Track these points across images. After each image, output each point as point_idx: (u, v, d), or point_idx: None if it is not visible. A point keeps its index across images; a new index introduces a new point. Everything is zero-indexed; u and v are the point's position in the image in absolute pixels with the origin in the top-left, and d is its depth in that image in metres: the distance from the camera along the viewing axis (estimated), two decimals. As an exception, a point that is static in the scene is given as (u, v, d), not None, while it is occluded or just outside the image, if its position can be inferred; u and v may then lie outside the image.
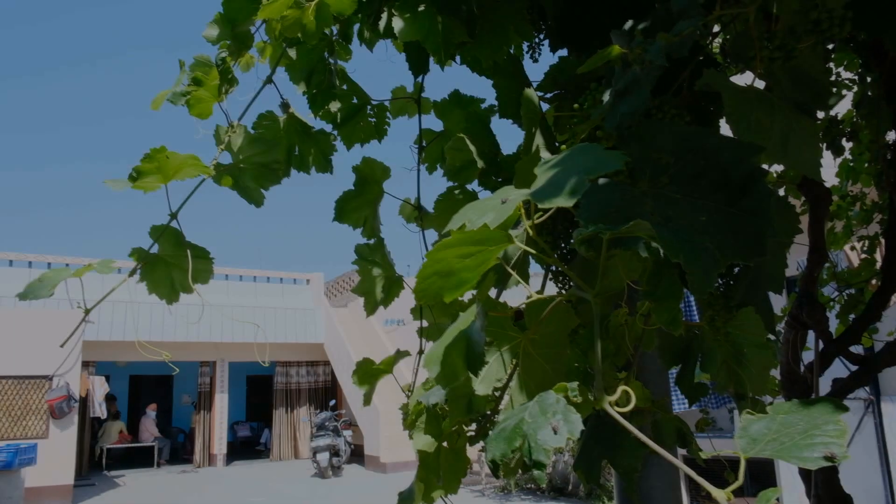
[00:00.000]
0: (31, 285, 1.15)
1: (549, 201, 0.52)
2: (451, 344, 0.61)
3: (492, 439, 0.55)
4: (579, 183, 0.52)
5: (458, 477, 1.19)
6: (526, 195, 0.54)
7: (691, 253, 0.54)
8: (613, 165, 0.53)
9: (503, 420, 0.56)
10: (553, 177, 0.55)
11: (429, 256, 0.55)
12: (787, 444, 0.45)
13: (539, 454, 0.49)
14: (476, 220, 0.54)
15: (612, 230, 0.54)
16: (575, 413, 0.50)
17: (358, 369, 1.43)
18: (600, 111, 0.74)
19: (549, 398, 0.52)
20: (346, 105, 1.55)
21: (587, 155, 0.56)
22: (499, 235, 0.56)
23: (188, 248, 1.19)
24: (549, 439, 0.49)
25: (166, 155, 1.06)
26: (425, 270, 0.56)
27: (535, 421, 0.51)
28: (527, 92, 0.91)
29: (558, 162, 0.58)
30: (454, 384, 0.61)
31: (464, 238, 0.55)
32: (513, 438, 0.52)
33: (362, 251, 1.48)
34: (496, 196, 0.60)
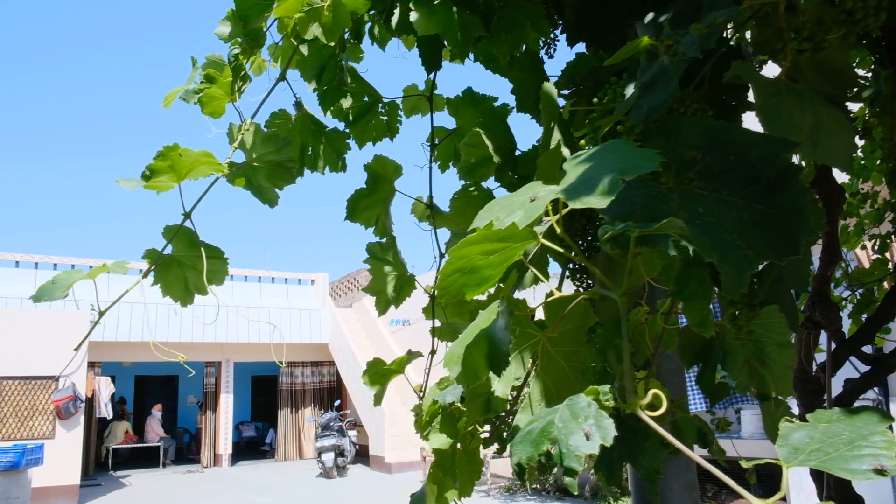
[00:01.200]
0: (43, 287, 1.14)
1: (582, 200, 0.50)
2: (472, 343, 0.60)
3: (517, 442, 0.53)
4: (613, 182, 0.50)
5: (473, 479, 1.18)
6: (556, 193, 0.53)
7: (724, 252, 0.52)
8: (649, 166, 0.52)
9: (529, 422, 0.55)
10: (584, 175, 0.53)
11: (451, 253, 0.54)
12: (832, 455, 0.43)
13: (571, 460, 0.47)
14: (504, 218, 0.53)
15: (641, 227, 0.53)
16: (607, 418, 0.49)
17: (369, 369, 1.42)
18: (624, 105, 0.73)
19: (579, 402, 0.51)
20: (358, 103, 1.54)
21: (620, 153, 0.55)
22: (523, 232, 0.55)
23: (202, 248, 1.17)
24: (582, 445, 0.48)
25: (179, 153, 1.05)
26: (448, 267, 0.55)
27: (567, 426, 0.49)
28: (546, 86, 0.89)
29: (588, 159, 0.56)
30: (475, 384, 0.59)
31: (488, 235, 0.53)
32: (540, 442, 0.51)
33: (374, 250, 1.47)
34: (522, 193, 0.58)
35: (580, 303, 0.72)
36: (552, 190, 0.54)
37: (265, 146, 1.23)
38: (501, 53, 1.33)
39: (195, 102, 1.25)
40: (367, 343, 14.98)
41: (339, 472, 12.40)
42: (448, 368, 0.59)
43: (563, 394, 0.76)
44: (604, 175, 0.52)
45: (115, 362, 14.38)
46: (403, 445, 12.67)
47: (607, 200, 0.50)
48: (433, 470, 1.17)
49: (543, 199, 0.53)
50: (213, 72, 1.24)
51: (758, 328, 0.93)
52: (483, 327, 0.59)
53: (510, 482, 10.33)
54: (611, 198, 0.50)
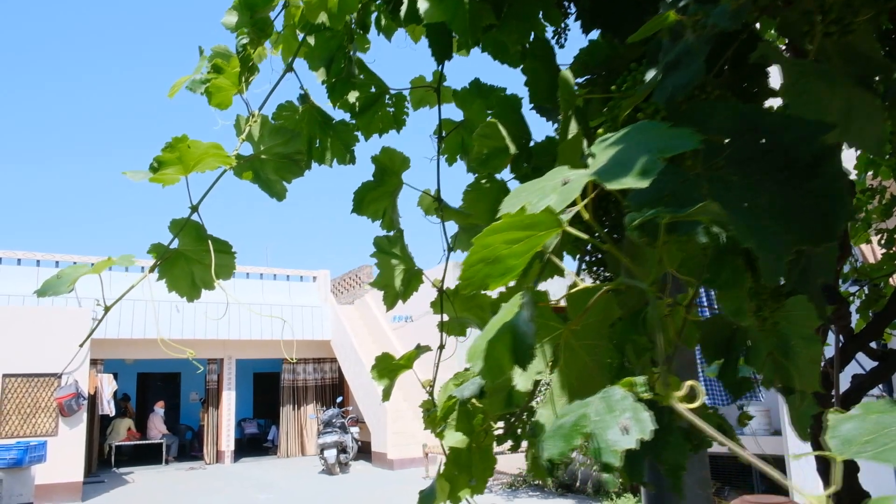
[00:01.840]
0: (48, 282, 1.12)
1: (618, 182, 0.48)
2: (495, 337, 0.58)
3: (548, 437, 0.51)
4: (651, 162, 0.48)
5: (486, 476, 1.16)
6: (589, 175, 0.50)
7: (761, 237, 0.50)
8: (688, 145, 0.49)
9: (560, 416, 0.53)
10: (617, 156, 0.51)
11: (476, 242, 0.52)
12: (890, 447, 0.41)
13: (609, 456, 0.45)
14: (537, 203, 0.51)
15: (673, 213, 0.50)
16: (645, 411, 0.47)
17: (377, 365, 1.40)
18: (646, 86, 0.70)
19: (615, 394, 0.49)
20: (365, 94, 1.51)
21: (653, 133, 0.53)
22: (549, 220, 0.53)
23: (210, 241, 1.15)
24: (620, 440, 0.46)
25: (188, 144, 1.02)
26: (471, 257, 0.53)
27: (602, 419, 0.47)
28: (563, 73, 0.87)
29: (618, 141, 0.54)
30: (500, 379, 0.57)
31: (512, 223, 0.51)
32: (571, 436, 0.49)
33: (381, 244, 1.45)
34: (552, 177, 0.56)
35: (604, 295, 0.70)
36: (585, 173, 0.52)
37: (273, 138, 1.21)
38: (511, 42, 1.30)
39: (202, 93, 1.23)
40: (369, 340, 14.97)
41: (341, 469, 12.41)
42: (471, 363, 0.57)
43: (586, 388, 0.74)
44: (639, 155, 0.49)
45: (118, 359, 14.39)
46: (405, 442, 12.68)
47: (646, 181, 0.47)
48: (446, 467, 1.16)
49: (577, 182, 0.51)
50: (220, 61, 1.21)
51: (783, 320, 0.91)
52: (506, 321, 0.57)
53: (512, 478, 10.33)
54: (650, 178, 0.47)
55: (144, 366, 17.30)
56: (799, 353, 0.99)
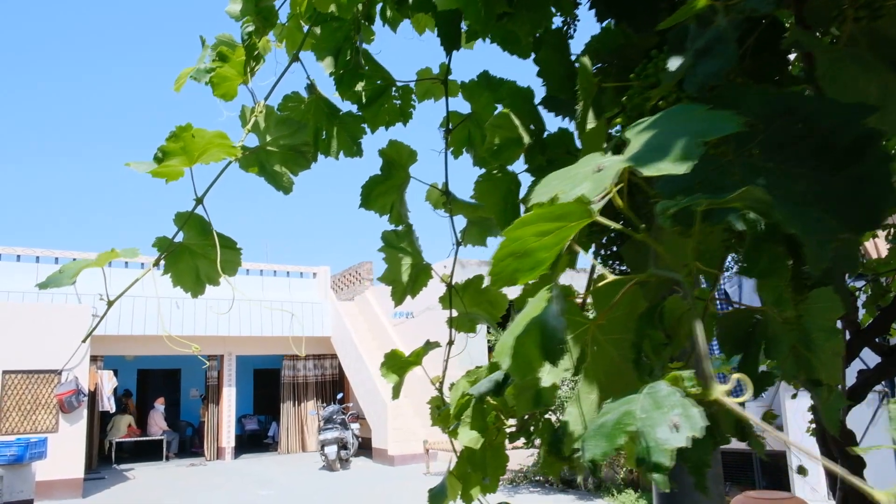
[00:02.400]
0: (51, 276, 1.10)
1: (655, 167, 0.46)
2: (523, 333, 0.55)
3: (589, 437, 0.49)
4: (690, 147, 0.45)
5: (499, 475, 1.14)
6: (624, 161, 0.48)
7: (805, 223, 0.48)
8: (729, 127, 0.47)
9: (601, 414, 0.50)
10: (653, 141, 0.49)
11: (507, 234, 0.49)
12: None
13: (660, 455, 0.43)
14: (570, 191, 0.48)
15: (713, 199, 0.48)
16: (695, 407, 0.45)
17: (387, 361, 1.38)
18: (674, 74, 0.68)
19: (661, 390, 0.46)
20: (371, 86, 1.48)
21: (690, 116, 0.50)
22: (579, 210, 0.50)
23: (216, 236, 1.12)
24: (670, 438, 0.43)
25: (192, 133, 1.00)
26: (501, 251, 0.51)
27: (650, 417, 0.45)
28: (582, 60, 0.84)
29: (653, 125, 0.51)
30: (529, 376, 0.55)
31: (543, 214, 0.49)
32: (614, 435, 0.46)
33: (389, 238, 1.42)
34: (583, 164, 0.54)
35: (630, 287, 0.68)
36: (619, 159, 0.50)
37: (279, 129, 1.18)
38: (523, 32, 1.27)
39: (206, 83, 1.20)
40: (369, 336, 14.96)
41: (341, 465, 12.41)
42: (499, 360, 0.55)
43: (614, 385, 0.72)
44: (677, 139, 0.47)
45: (118, 356, 14.38)
46: (406, 438, 12.68)
47: (685, 166, 0.45)
48: (458, 465, 1.13)
49: (611, 169, 0.48)
50: (226, 49, 1.18)
51: (805, 313, 0.89)
52: (534, 315, 0.55)
53: (513, 474, 10.33)
54: (690, 164, 0.45)
55: (145, 362, 17.28)
56: (821, 347, 0.97)
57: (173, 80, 1.36)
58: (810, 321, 0.94)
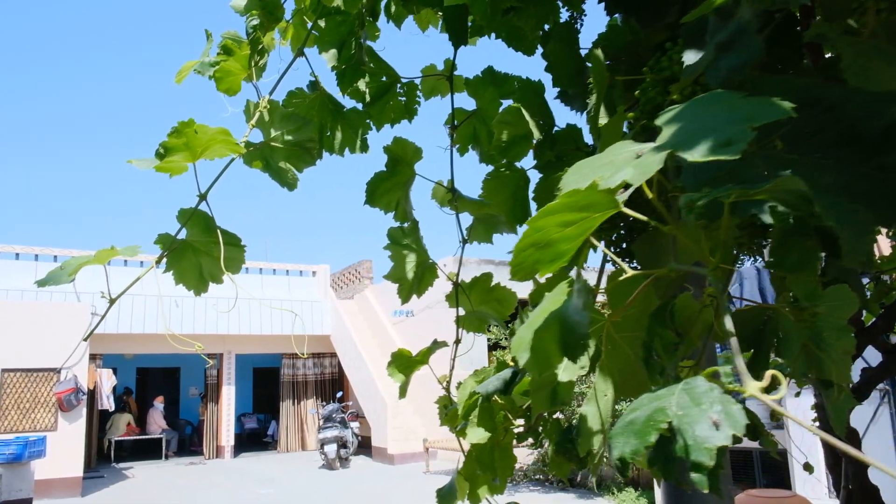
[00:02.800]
0: (51, 273, 1.08)
1: (704, 152, 0.44)
2: (542, 327, 0.54)
3: (618, 433, 0.47)
4: (740, 132, 0.44)
5: (507, 475, 1.13)
6: (668, 147, 0.46)
7: (841, 215, 0.46)
8: (779, 112, 0.45)
9: (629, 411, 0.49)
10: (694, 127, 0.47)
11: (530, 224, 0.48)
12: None
13: (700, 454, 0.42)
14: (610, 177, 0.46)
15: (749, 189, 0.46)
16: (735, 404, 0.43)
17: (394, 361, 1.36)
18: (694, 68, 0.66)
19: (699, 385, 0.45)
20: (375, 83, 1.47)
21: (731, 102, 0.48)
22: (605, 200, 0.49)
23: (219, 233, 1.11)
24: (712, 436, 0.42)
25: (195, 129, 0.98)
26: (523, 241, 0.49)
27: (688, 414, 0.43)
28: (595, 53, 0.83)
29: (689, 111, 0.50)
30: (547, 372, 0.53)
31: (568, 203, 0.47)
32: (646, 433, 0.45)
33: (395, 235, 1.41)
34: (615, 151, 0.52)
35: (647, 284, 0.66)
36: (659, 145, 0.48)
37: (284, 125, 1.16)
38: (529, 28, 1.26)
39: (210, 77, 1.19)
40: (368, 335, 14.94)
41: (341, 464, 12.40)
42: (516, 356, 0.53)
43: (629, 382, 0.70)
44: (723, 124, 0.45)
45: (117, 354, 14.35)
46: (406, 437, 12.67)
47: (735, 151, 0.43)
48: (466, 465, 1.12)
49: (657, 154, 0.46)
50: (230, 43, 1.17)
51: (822, 311, 0.87)
52: (553, 309, 0.53)
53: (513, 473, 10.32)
54: (739, 148, 0.43)
55: (144, 360, 17.26)
56: (832, 345, 0.96)
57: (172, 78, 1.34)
58: (822, 319, 0.93)
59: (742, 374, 0.47)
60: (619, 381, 0.70)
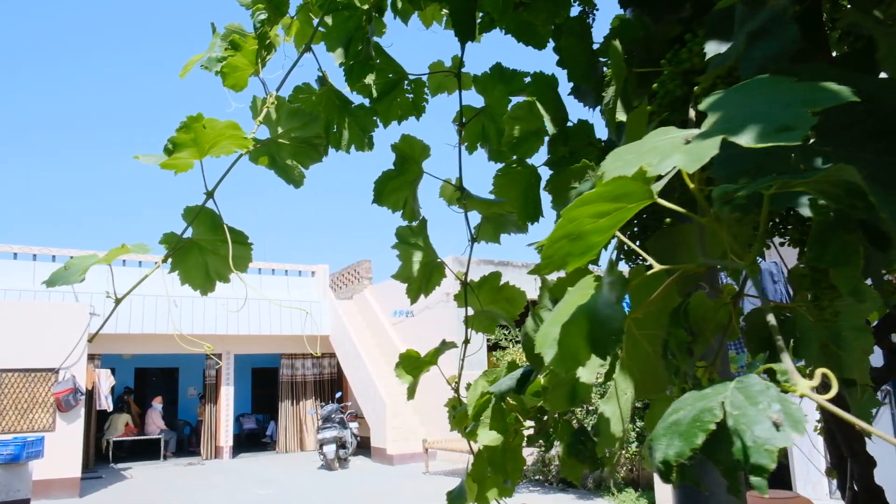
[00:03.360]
0: (57, 272, 1.06)
1: (760, 139, 0.42)
2: (569, 322, 0.52)
3: (660, 434, 0.45)
4: (800, 116, 0.42)
5: (517, 477, 1.11)
6: (720, 133, 0.44)
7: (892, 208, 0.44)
8: (841, 97, 0.43)
9: (672, 411, 0.47)
10: (747, 113, 0.45)
11: (564, 215, 0.46)
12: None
13: (761, 456, 0.39)
14: (659, 163, 0.44)
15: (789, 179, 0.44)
16: (794, 403, 0.41)
17: (402, 362, 1.35)
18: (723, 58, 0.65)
19: (753, 384, 0.43)
20: (383, 80, 1.45)
21: (784, 87, 0.46)
22: (640, 191, 0.47)
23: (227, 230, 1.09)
24: (773, 437, 0.39)
25: (203, 124, 0.96)
26: (556, 232, 0.47)
27: (745, 413, 0.41)
28: (613, 44, 0.81)
29: (737, 97, 0.48)
30: (575, 369, 0.52)
31: (603, 193, 0.45)
32: (691, 434, 0.43)
33: (404, 234, 1.39)
34: (657, 137, 0.50)
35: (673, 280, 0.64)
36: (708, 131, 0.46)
37: (290, 121, 1.14)
38: (540, 22, 1.24)
39: (216, 72, 1.17)
40: (368, 335, 14.92)
41: (340, 464, 12.37)
42: (541, 352, 0.51)
43: (649, 381, 0.69)
44: (779, 109, 0.43)
45: (115, 354, 14.30)
46: (405, 437, 12.65)
47: (796, 136, 0.41)
48: (475, 467, 1.10)
49: (711, 140, 0.44)
50: (238, 37, 1.15)
51: (843, 309, 0.86)
52: (580, 303, 0.51)
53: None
54: (801, 133, 0.41)
55: (142, 361, 17.21)
56: (850, 345, 0.94)
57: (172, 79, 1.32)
58: (842, 318, 0.92)
59: (791, 372, 0.45)
60: (639, 379, 0.69)
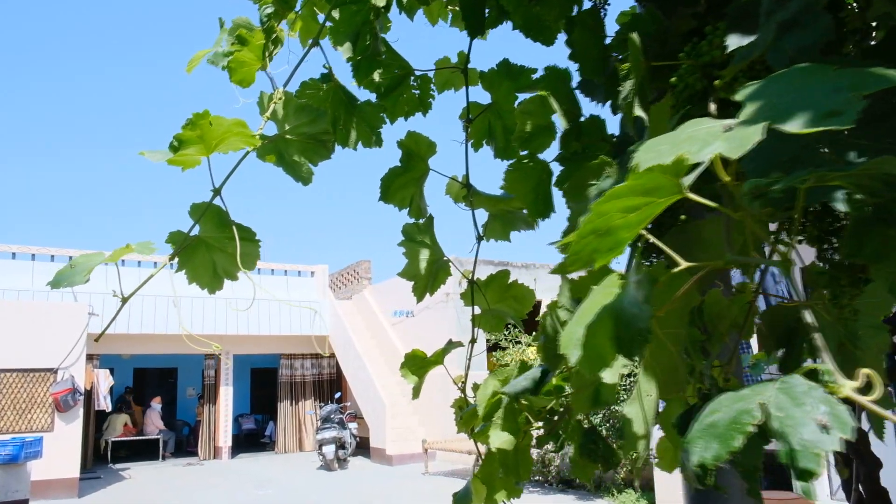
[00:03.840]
0: (62, 272, 1.04)
1: (807, 124, 0.40)
2: (594, 322, 0.50)
3: (697, 437, 0.44)
4: (849, 100, 0.40)
5: (526, 478, 1.09)
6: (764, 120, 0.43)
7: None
8: (891, 80, 0.42)
9: (709, 412, 0.45)
10: (787, 99, 0.43)
11: (594, 209, 0.44)
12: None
13: (808, 460, 0.38)
14: (699, 152, 0.42)
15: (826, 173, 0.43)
16: (841, 405, 0.40)
17: (408, 362, 1.33)
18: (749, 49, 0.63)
19: (797, 384, 0.42)
20: (389, 75, 1.43)
21: (827, 73, 0.45)
22: (670, 184, 0.45)
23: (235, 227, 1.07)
24: (821, 440, 0.38)
25: (210, 120, 0.94)
26: (585, 228, 0.46)
27: (790, 416, 0.39)
28: (632, 37, 0.80)
29: (775, 84, 0.46)
30: (600, 371, 0.50)
31: (635, 186, 0.44)
32: (729, 436, 0.41)
33: (410, 231, 1.37)
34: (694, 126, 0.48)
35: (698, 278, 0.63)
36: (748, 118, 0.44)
37: (298, 117, 1.13)
38: (552, 17, 1.23)
39: (223, 67, 1.15)
40: (367, 335, 14.90)
41: (339, 465, 12.35)
42: (566, 353, 0.50)
43: (671, 381, 0.67)
44: (825, 95, 0.42)
45: (114, 354, 14.27)
46: (404, 437, 12.63)
47: (847, 121, 0.40)
48: (484, 468, 1.09)
49: (754, 127, 0.43)
50: (245, 32, 1.13)
51: (862, 307, 0.84)
52: (605, 303, 0.50)
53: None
54: (851, 118, 0.40)
55: (141, 361, 17.18)
56: (867, 344, 0.93)
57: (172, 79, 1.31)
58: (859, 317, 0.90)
59: (836, 373, 0.43)
60: (662, 379, 0.67)
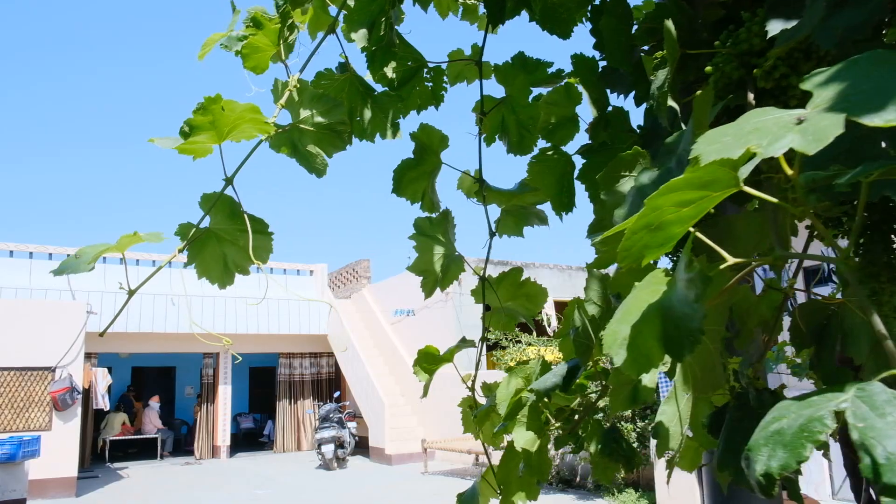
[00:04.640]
0: (66, 261, 1.01)
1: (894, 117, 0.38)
2: (640, 321, 0.48)
3: (761, 444, 0.41)
4: None
5: (544, 479, 1.06)
6: (840, 111, 0.40)
7: None
8: None
9: (773, 419, 0.42)
10: (863, 89, 0.41)
11: (648, 203, 0.42)
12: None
13: (894, 474, 0.35)
14: (770, 145, 0.40)
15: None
16: None
17: (419, 360, 1.30)
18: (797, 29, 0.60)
19: (878, 392, 0.39)
20: (402, 68, 1.40)
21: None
22: (727, 177, 0.43)
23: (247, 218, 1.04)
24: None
25: (222, 105, 0.91)
26: (637, 223, 0.43)
27: (871, 426, 0.36)
28: (667, 24, 0.77)
29: (848, 73, 0.43)
30: (646, 372, 0.47)
31: (692, 179, 0.41)
32: (798, 445, 0.38)
33: (422, 226, 1.35)
34: (759, 116, 0.45)
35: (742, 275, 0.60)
36: (824, 109, 0.41)
37: (313, 106, 1.09)
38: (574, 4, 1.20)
39: (237, 52, 1.12)
40: (366, 334, 14.86)
41: (338, 464, 12.31)
42: (610, 353, 0.47)
43: (709, 379, 0.64)
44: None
45: (112, 353, 14.22)
46: (403, 437, 12.59)
47: None
48: (502, 468, 1.06)
49: (834, 118, 0.40)
50: (260, 14, 1.10)
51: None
52: (651, 301, 0.47)
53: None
54: None
55: (139, 360, 17.12)
56: (899, 343, 0.90)
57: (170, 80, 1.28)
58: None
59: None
60: (700, 377, 0.64)
